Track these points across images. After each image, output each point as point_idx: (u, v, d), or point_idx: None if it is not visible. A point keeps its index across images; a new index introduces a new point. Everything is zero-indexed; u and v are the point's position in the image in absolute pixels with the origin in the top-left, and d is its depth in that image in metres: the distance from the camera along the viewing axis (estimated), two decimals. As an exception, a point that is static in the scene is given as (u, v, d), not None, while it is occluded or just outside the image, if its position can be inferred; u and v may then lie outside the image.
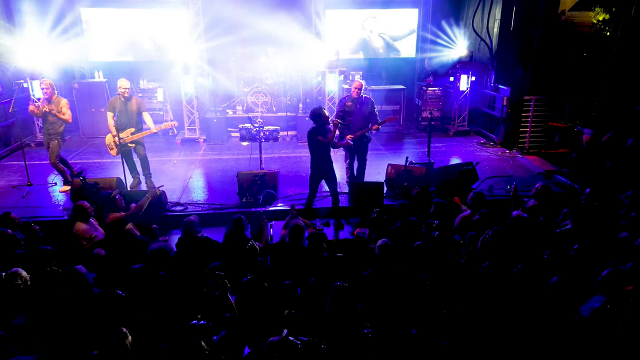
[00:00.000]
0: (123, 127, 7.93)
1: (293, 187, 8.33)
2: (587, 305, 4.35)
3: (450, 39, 12.32)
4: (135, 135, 8.00)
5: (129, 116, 7.91)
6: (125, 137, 7.96)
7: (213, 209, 7.47)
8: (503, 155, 10.21)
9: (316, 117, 6.68)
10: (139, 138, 8.04)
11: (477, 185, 8.23)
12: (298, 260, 5.43)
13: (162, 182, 8.49)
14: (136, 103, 8.00)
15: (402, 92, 11.99)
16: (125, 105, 7.84)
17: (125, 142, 8.00)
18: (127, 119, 7.91)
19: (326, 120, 6.69)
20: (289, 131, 11.72)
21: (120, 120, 7.85)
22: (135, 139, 8.02)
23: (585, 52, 10.40)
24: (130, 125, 7.97)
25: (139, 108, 7.97)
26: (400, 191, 7.96)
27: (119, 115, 7.80)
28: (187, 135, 11.46)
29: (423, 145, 11.04)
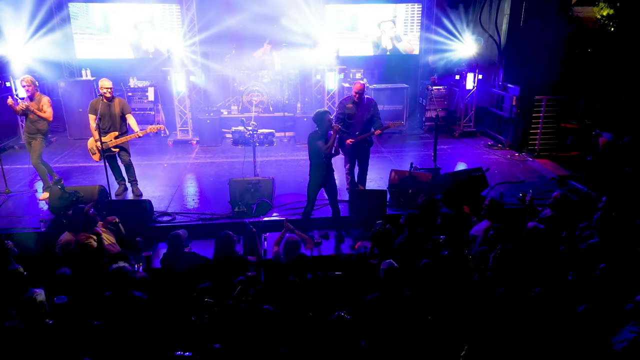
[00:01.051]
0: (106, 131, 7.42)
1: (290, 194, 7.79)
2: (620, 336, 3.84)
3: (455, 36, 11.74)
4: (118, 139, 7.45)
5: (112, 119, 7.38)
6: (108, 141, 7.43)
7: (203, 220, 6.92)
8: (512, 159, 9.65)
9: (318, 121, 6.14)
10: (123, 142, 7.48)
11: (486, 192, 7.69)
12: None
13: (150, 189, 8.06)
14: (119, 104, 7.46)
15: (405, 90, 11.42)
16: (107, 107, 7.30)
17: (108, 147, 7.45)
18: (110, 121, 7.38)
19: (329, 125, 6.15)
20: (286, 132, 11.16)
21: (102, 123, 7.33)
22: (119, 144, 7.47)
23: (589, 49, 9.87)
24: (113, 129, 7.44)
25: (123, 110, 7.43)
26: (404, 199, 7.42)
27: (101, 118, 7.26)
28: (180, 137, 10.91)
29: (427, 147, 10.49)
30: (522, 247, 5.28)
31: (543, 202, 6.87)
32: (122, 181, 7.96)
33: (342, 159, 7.64)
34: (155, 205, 7.37)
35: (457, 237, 6.13)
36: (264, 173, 8.80)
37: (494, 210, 6.08)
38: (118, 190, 7.88)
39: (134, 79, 11.16)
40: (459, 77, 11.57)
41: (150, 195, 7.78)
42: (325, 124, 6.11)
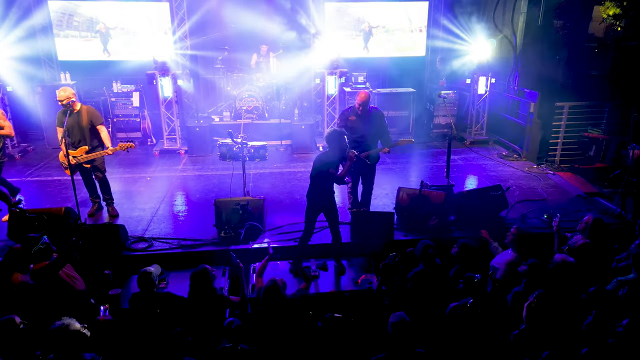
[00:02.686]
0: (76, 145, 6.57)
1: (285, 214, 6.91)
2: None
3: (466, 36, 10.84)
4: (89, 154, 6.57)
5: (80, 131, 6.50)
6: (79, 156, 6.56)
7: (184, 247, 6.05)
8: (531, 172, 8.76)
9: (332, 142, 5.33)
10: (96, 158, 6.60)
11: (505, 213, 6.82)
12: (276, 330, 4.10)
13: (127, 208, 7.20)
14: (87, 115, 6.51)
15: (411, 95, 10.54)
16: (73, 118, 6.41)
17: (79, 162, 6.60)
18: (79, 134, 6.52)
19: (344, 149, 5.33)
20: (282, 140, 10.29)
21: (71, 137, 6.51)
22: (90, 159, 6.59)
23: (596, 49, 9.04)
24: (83, 143, 6.56)
25: (92, 121, 6.52)
26: (414, 221, 6.54)
27: (69, 131, 6.44)
28: (167, 146, 10.04)
29: (436, 157, 9.63)
30: (559, 291, 4.43)
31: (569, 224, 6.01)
32: (97, 199, 7.09)
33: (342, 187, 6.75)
34: (131, 228, 6.52)
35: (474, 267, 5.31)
36: (257, 188, 7.98)
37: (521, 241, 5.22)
38: (91, 209, 7.02)
39: (118, 83, 10.29)
40: (469, 80, 10.68)
41: (127, 216, 6.93)
42: (339, 146, 5.30)
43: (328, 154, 5.36)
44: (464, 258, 5.32)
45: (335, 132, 5.33)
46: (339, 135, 5.27)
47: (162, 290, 5.31)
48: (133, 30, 10.91)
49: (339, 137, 5.26)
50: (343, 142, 5.28)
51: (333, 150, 5.30)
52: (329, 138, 5.33)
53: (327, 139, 5.37)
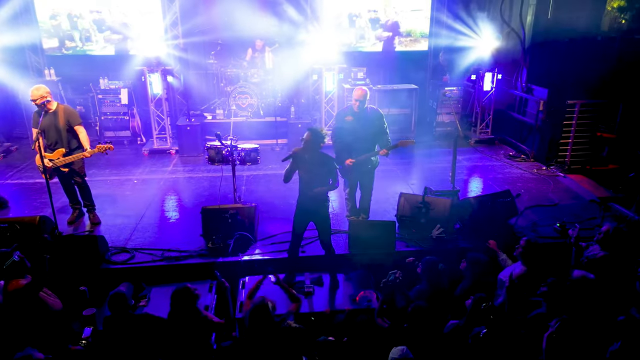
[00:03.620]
0: (52, 147, 6.12)
1: (279, 222, 6.44)
2: None
3: (471, 29, 10.30)
4: (67, 157, 6.10)
5: (57, 133, 6.04)
6: (56, 159, 6.09)
7: (168, 259, 5.59)
8: (540, 174, 8.28)
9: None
10: (74, 161, 6.14)
11: (515, 220, 6.35)
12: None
13: (110, 215, 6.74)
14: (64, 115, 6.04)
15: (413, 92, 10.03)
16: (49, 119, 5.95)
17: (57, 166, 6.14)
18: (56, 136, 6.05)
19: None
20: (278, 139, 9.81)
21: (47, 138, 6.06)
22: (68, 162, 6.13)
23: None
24: (60, 145, 6.10)
25: (69, 121, 6.05)
26: (416, 230, 6.09)
27: (45, 132, 6.00)
28: (157, 146, 9.57)
29: (440, 158, 9.14)
30: (582, 316, 3.98)
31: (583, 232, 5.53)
32: (77, 205, 6.63)
33: (340, 181, 6.28)
34: (113, 236, 6.08)
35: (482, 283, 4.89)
36: (250, 192, 7.52)
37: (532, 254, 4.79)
38: (71, 216, 6.56)
39: (105, 79, 9.80)
40: (475, 77, 10.18)
41: (110, 223, 6.47)
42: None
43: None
44: (472, 274, 4.90)
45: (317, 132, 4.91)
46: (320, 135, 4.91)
47: (142, 309, 4.90)
48: (122, 23, 10.39)
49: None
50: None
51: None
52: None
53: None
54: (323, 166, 4.91)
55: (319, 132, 4.85)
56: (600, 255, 5.02)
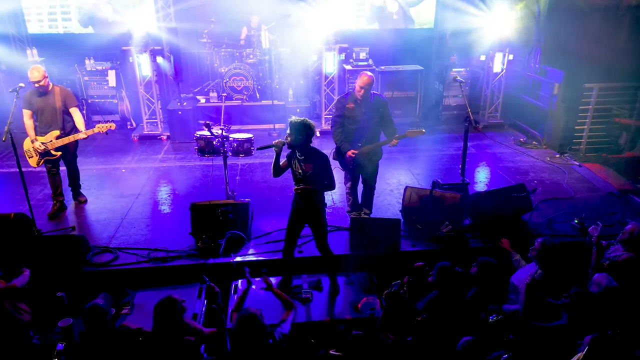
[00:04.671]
0: (45, 130, 5.87)
1: (275, 216, 5.98)
2: None
3: (481, 5, 9.62)
4: (61, 139, 5.85)
5: (52, 114, 5.83)
6: (48, 142, 5.81)
7: (154, 260, 5.16)
8: (553, 162, 7.78)
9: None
10: (68, 143, 5.89)
11: (529, 216, 5.90)
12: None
13: (94, 209, 6.31)
14: (61, 96, 5.86)
15: (419, 74, 9.45)
16: (44, 100, 5.76)
17: (47, 150, 5.83)
18: (50, 118, 5.83)
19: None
20: (275, 124, 9.28)
21: (40, 120, 5.83)
22: (61, 145, 5.87)
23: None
24: (55, 127, 5.87)
25: (66, 102, 5.85)
26: (423, 226, 5.64)
27: (38, 114, 5.79)
28: (147, 131, 9.06)
29: (447, 144, 8.64)
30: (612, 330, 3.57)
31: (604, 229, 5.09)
32: (60, 197, 6.20)
33: (341, 174, 5.82)
34: (96, 233, 5.67)
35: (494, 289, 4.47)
36: (244, 183, 7.05)
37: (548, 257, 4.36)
38: (52, 209, 6.13)
39: (91, 60, 9.22)
40: (484, 57, 9.58)
41: (94, 219, 6.04)
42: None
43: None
44: (484, 280, 4.47)
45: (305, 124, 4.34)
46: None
47: (124, 318, 4.49)
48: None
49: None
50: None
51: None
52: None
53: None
54: (315, 163, 4.37)
55: (306, 124, 4.24)
56: (624, 257, 4.59)
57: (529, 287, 3.98)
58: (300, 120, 4.22)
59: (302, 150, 4.33)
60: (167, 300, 3.64)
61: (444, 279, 4.14)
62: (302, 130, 4.19)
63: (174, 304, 3.64)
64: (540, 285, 4.13)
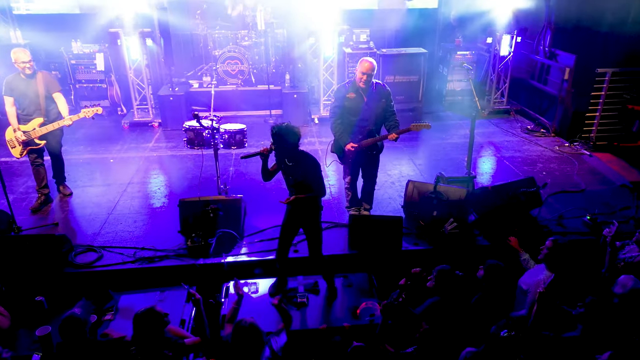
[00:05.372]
0: (28, 117, 5.53)
1: (270, 212, 5.66)
2: None
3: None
4: (45, 127, 5.51)
5: (35, 101, 5.48)
6: (31, 130, 5.50)
7: (141, 261, 4.86)
8: (562, 152, 7.43)
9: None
10: (52, 131, 5.55)
11: (537, 211, 5.58)
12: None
13: (78, 204, 5.98)
14: (44, 81, 5.52)
15: (422, 57, 9.00)
16: (27, 86, 5.41)
17: (31, 138, 5.52)
18: (33, 104, 5.48)
19: None
20: (272, 110, 8.90)
21: (23, 107, 5.48)
22: (45, 133, 5.53)
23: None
24: (38, 114, 5.53)
25: (49, 88, 5.52)
26: (425, 222, 5.33)
27: (20, 100, 5.45)
28: (138, 118, 8.67)
29: (450, 132, 8.28)
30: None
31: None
32: (45, 190, 5.89)
33: (340, 168, 5.47)
34: (81, 230, 5.40)
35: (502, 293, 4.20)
36: (238, 175, 6.71)
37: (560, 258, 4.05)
38: (35, 203, 5.82)
39: (78, 42, 8.77)
40: (491, 39, 9.14)
41: (78, 214, 5.73)
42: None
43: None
44: (490, 284, 4.18)
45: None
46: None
47: (107, 325, 4.20)
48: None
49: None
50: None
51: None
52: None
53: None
54: (303, 170, 4.00)
55: (291, 130, 3.87)
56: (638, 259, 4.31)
57: (542, 296, 3.67)
58: (282, 128, 3.85)
59: (290, 156, 3.99)
60: (147, 312, 3.36)
61: (444, 284, 3.87)
62: (286, 139, 3.84)
63: (154, 316, 3.36)
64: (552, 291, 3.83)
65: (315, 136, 8.19)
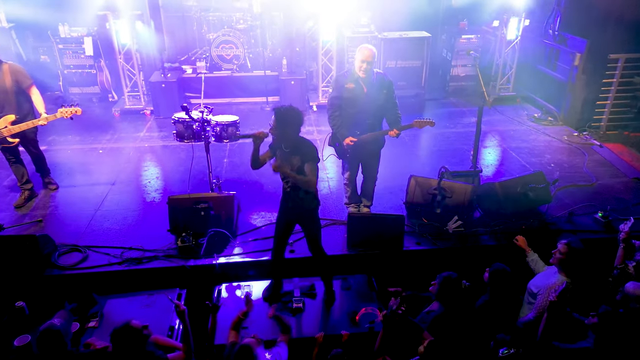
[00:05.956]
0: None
1: (265, 208, 5.42)
2: None
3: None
4: (18, 125, 5.10)
5: (3, 96, 5.06)
6: (2, 128, 5.08)
7: (128, 262, 4.60)
8: (571, 142, 7.12)
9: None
10: (27, 129, 5.16)
11: (546, 208, 5.30)
12: None
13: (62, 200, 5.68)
14: (10, 74, 5.08)
15: (425, 41, 8.60)
16: None
17: (3, 136, 5.12)
18: (1, 100, 5.06)
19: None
20: (268, 97, 8.56)
21: None
22: (17, 132, 5.12)
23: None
24: (8, 110, 5.10)
25: (18, 82, 5.09)
26: (428, 219, 5.07)
27: None
28: (129, 105, 8.34)
29: (455, 120, 7.96)
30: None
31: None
32: (28, 185, 5.60)
33: (338, 164, 5.17)
34: (66, 227, 5.12)
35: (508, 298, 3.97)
36: (233, 166, 6.45)
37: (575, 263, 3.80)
38: (19, 199, 5.55)
39: (65, 26, 8.37)
40: (497, 23, 8.73)
41: (64, 210, 5.47)
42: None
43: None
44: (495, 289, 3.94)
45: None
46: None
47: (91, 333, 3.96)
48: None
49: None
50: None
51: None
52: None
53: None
54: (300, 158, 3.70)
55: (295, 114, 3.59)
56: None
57: (553, 306, 3.42)
58: (287, 110, 3.56)
59: (289, 142, 3.69)
60: (124, 328, 3.11)
61: (448, 292, 3.62)
62: (290, 123, 3.54)
63: (133, 333, 3.11)
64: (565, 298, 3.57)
65: (314, 124, 7.87)
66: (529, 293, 4.00)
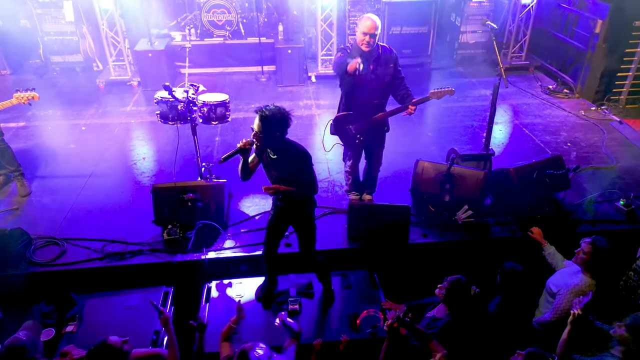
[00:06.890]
0: None
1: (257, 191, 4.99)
2: None
3: None
4: None
5: None
6: None
7: (110, 257, 4.23)
8: (589, 117, 6.63)
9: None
10: None
11: (563, 195, 4.90)
12: None
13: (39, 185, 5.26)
14: None
15: (432, 5, 7.96)
16: None
17: None
18: None
19: None
20: (264, 66, 7.99)
21: None
22: None
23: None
24: None
25: None
26: (436, 208, 4.68)
27: None
28: (114, 76, 7.78)
29: (463, 93, 7.43)
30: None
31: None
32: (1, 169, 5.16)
33: (339, 150, 4.71)
34: (42, 217, 4.74)
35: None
36: (225, 145, 6.01)
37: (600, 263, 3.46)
38: (-6, 185, 5.11)
39: (41, -13, 7.70)
40: (512, -16, 8.06)
41: (42, 197, 5.05)
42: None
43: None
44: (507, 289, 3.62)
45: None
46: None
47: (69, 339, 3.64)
48: None
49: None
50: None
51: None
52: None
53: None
54: (289, 165, 3.27)
55: (281, 117, 3.08)
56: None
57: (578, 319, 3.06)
58: (272, 111, 3.06)
59: (276, 147, 3.23)
60: (99, 348, 2.78)
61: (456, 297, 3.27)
62: (276, 126, 3.06)
63: (109, 352, 2.78)
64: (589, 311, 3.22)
65: (312, 98, 7.35)
66: (548, 292, 3.67)
